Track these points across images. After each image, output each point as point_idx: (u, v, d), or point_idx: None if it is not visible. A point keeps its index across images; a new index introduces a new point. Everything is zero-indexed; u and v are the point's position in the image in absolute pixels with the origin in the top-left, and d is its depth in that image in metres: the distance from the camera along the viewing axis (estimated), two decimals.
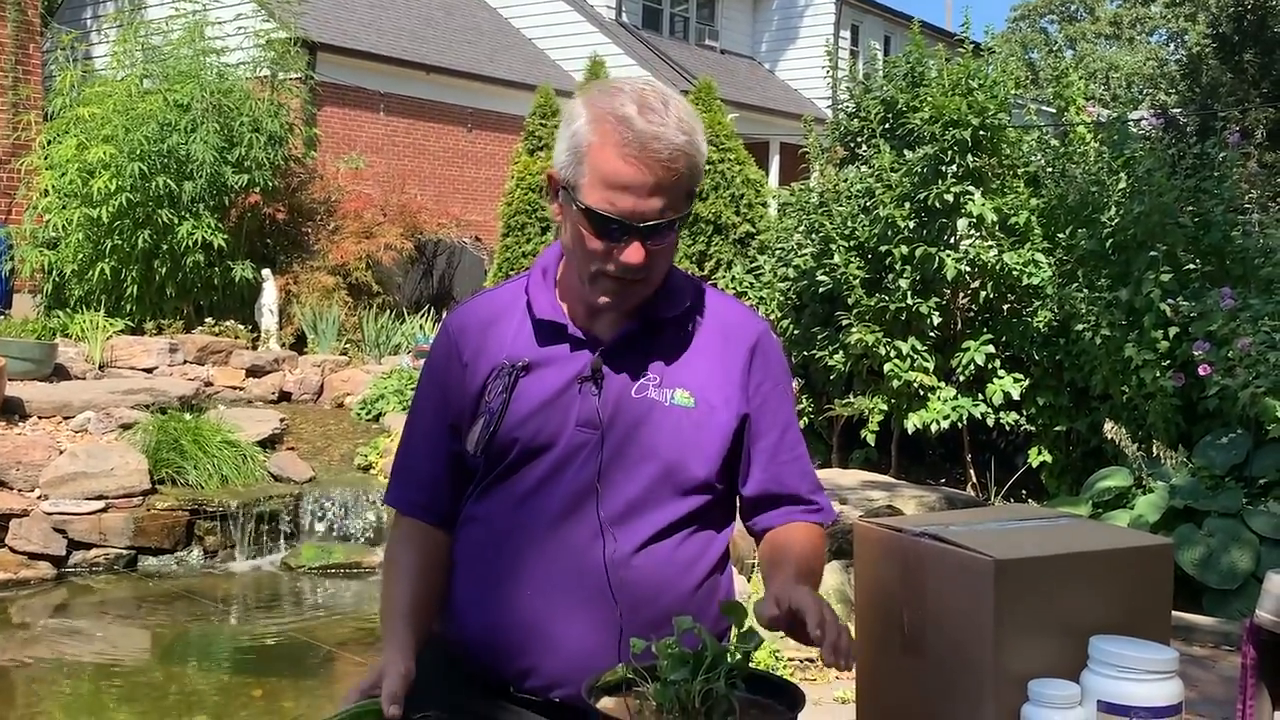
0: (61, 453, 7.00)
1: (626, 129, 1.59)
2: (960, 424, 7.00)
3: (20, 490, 6.76)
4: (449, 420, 1.76)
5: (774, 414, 1.76)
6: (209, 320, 10.50)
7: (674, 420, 1.68)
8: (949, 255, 6.82)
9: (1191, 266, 6.14)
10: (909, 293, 6.91)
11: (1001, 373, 6.96)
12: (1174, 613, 1.90)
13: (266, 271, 10.89)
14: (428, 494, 1.79)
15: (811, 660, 4.21)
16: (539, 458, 1.68)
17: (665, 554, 1.68)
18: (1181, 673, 1.36)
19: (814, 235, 7.48)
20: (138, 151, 10.21)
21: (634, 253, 1.61)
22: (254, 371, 9.59)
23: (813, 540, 1.75)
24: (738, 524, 1.83)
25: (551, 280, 1.77)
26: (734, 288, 8.20)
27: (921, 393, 7.00)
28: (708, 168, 8.89)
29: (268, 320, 10.71)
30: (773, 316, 7.67)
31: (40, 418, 7.51)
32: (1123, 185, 6.52)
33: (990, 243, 6.92)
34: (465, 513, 1.76)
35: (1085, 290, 6.35)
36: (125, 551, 6.74)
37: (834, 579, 4.69)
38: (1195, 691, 3.80)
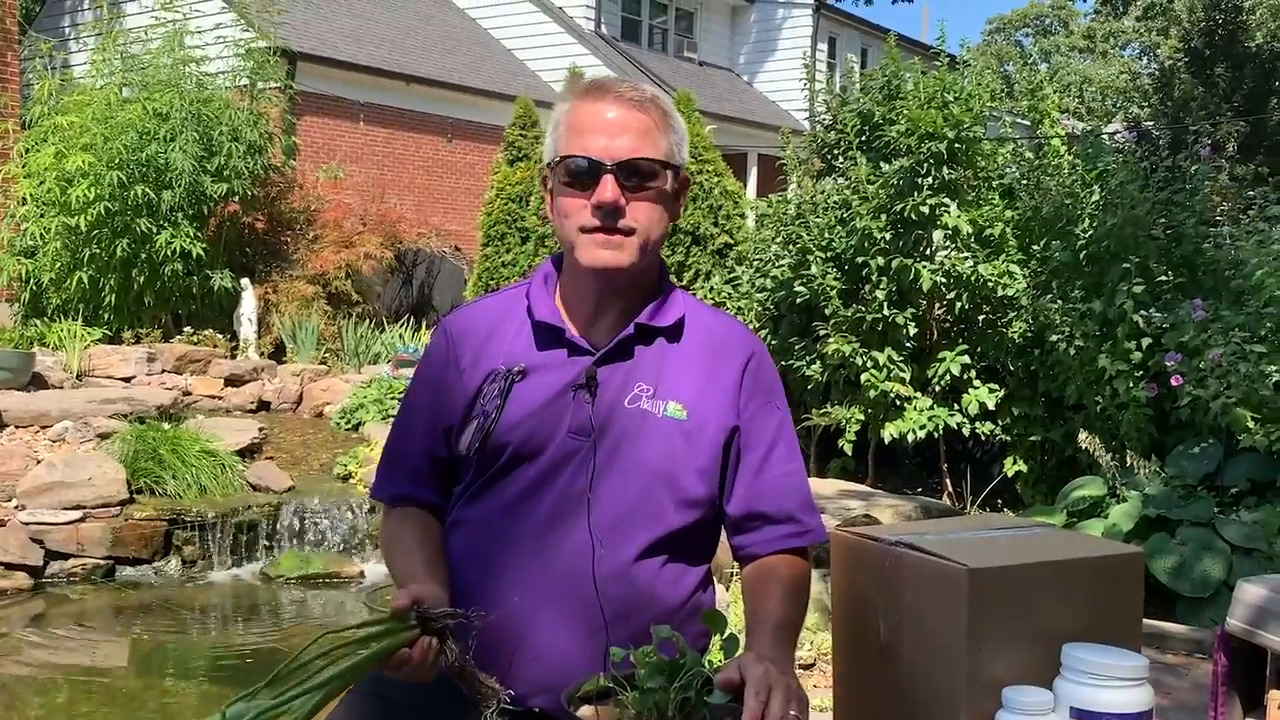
0: (39, 462, 6.96)
1: (594, 84, 1.72)
2: (936, 434, 7.04)
3: None
4: (441, 422, 1.78)
5: (761, 430, 1.76)
6: (187, 329, 10.47)
7: (666, 432, 1.69)
8: (925, 267, 6.87)
9: (1164, 278, 6.20)
10: (885, 304, 6.95)
11: (977, 383, 7.00)
12: (1147, 621, 1.94)
13: (245, 280, 10.86)
14: (416, 488, 1.80)
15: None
16: (529, 463, 1.69)
17: (652, 568, 1.69)
18: (1154, 680, 1.39)
19: (791, 246, 7.52)
20: (116, 160, 10.18)
21: (606, 189, 1.64)
22: (233, 381, 9.56)
23: (793, 581, 1.73)
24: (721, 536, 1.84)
25: (553, 286, 1.79)
26: (712, 298, 8.23)
27: (898, 403, 7.04)
28: None
29: (246, 329, 10.68)
30: (751, 327, 7.70)
31: (17, 427, 7.47)
32: (1096, 198, 6.59)
33: (966, 254, 6.97)
34: (454, 516, 1.78)
35: (1059, 301, 6.41)
36: (103, 561, 6.71)
37: (811, 588, 4.71)
38: (1167, 699, 3.84)
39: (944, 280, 6.96)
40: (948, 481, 7.36)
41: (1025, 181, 7.32)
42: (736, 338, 1.81)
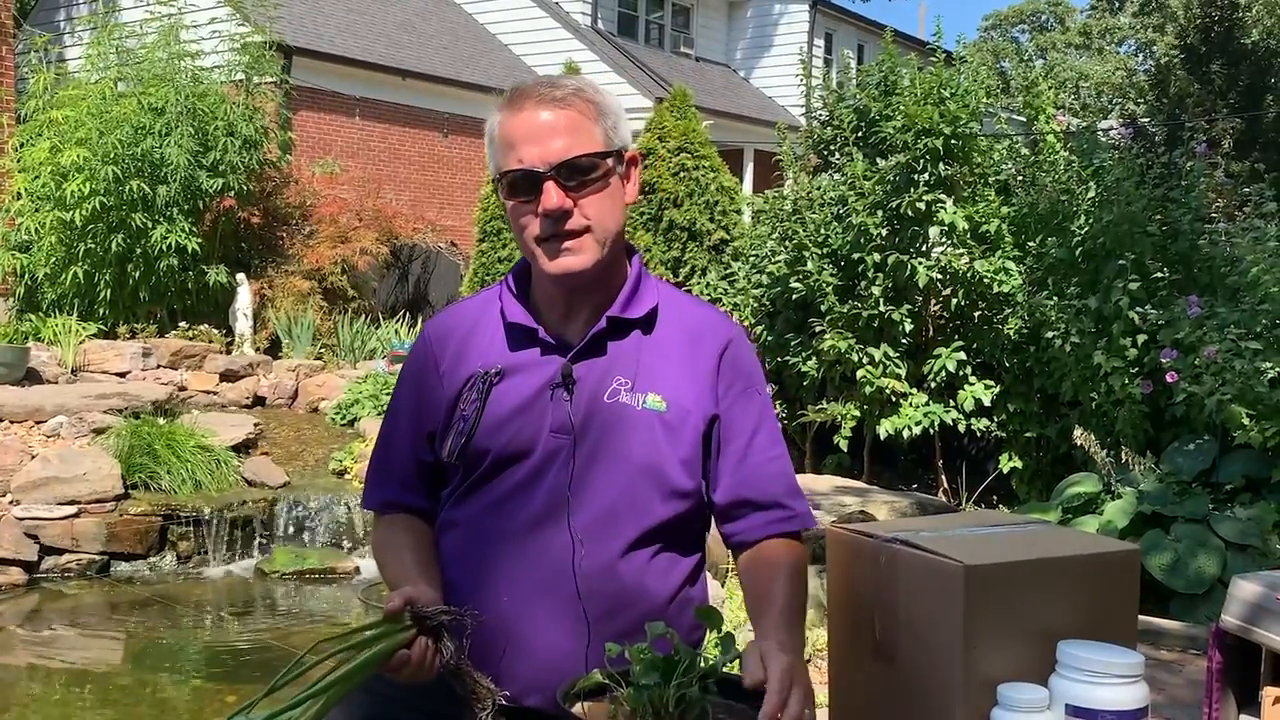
0: (33, 457, 6.96)
1: (514, 93, 1.70)
2: (932, 430, 7.05)
3: None
4: (424, 427, 1.78)
5: (743, 417, 1.75)
6: (183, 325, 10.45)
7: (647, 424, 1.69)
8: (921, 263, 6.87)
9: (1159, 275, 6.20)
10: (881, 300, 6.95)
11: (973, 379, 7.01)
12: (1142, 617, 1.94)
13: (241, 276, 10.84)
14: (405, 494, 1.80)
15: None
16: (515, 465, 1.69)
17: (640, 562, 1.68)
18: (1149, 677, 1.39)
19: (787, 242, 7.52)
20: (111, 155, 10.16)
21: (550, 196, 1.63)
22: (228, 376, 9.55)
23: (794, 564, 1.72)
24: (713, 529, 1.84)
25: (524, 287, 1.79)
26: (708, 294, 8.23)
27: (894, 399, 7.04)
28: (681, 173, 8.97)
29: (242, 325, 10.66)
30: (746, 323, 7.71)
31: (12, 422, 7.46)
32: (1092, 194, 6.59)
33: (961, 251, 6.97)
34: (444, 517, 1.77)
35: (1055, 298, 6.41)
36: (98, 557, 6.71)
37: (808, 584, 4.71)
38: (1162, 695, 3.85)
39: (940, 277, 6.97)
40: (943, 478, 7.37)
41: (1021, 178, 7.33)
42: (712, 324, 1.79)
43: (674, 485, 1.70)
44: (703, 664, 1.41)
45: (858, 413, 7.14)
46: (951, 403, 7.04)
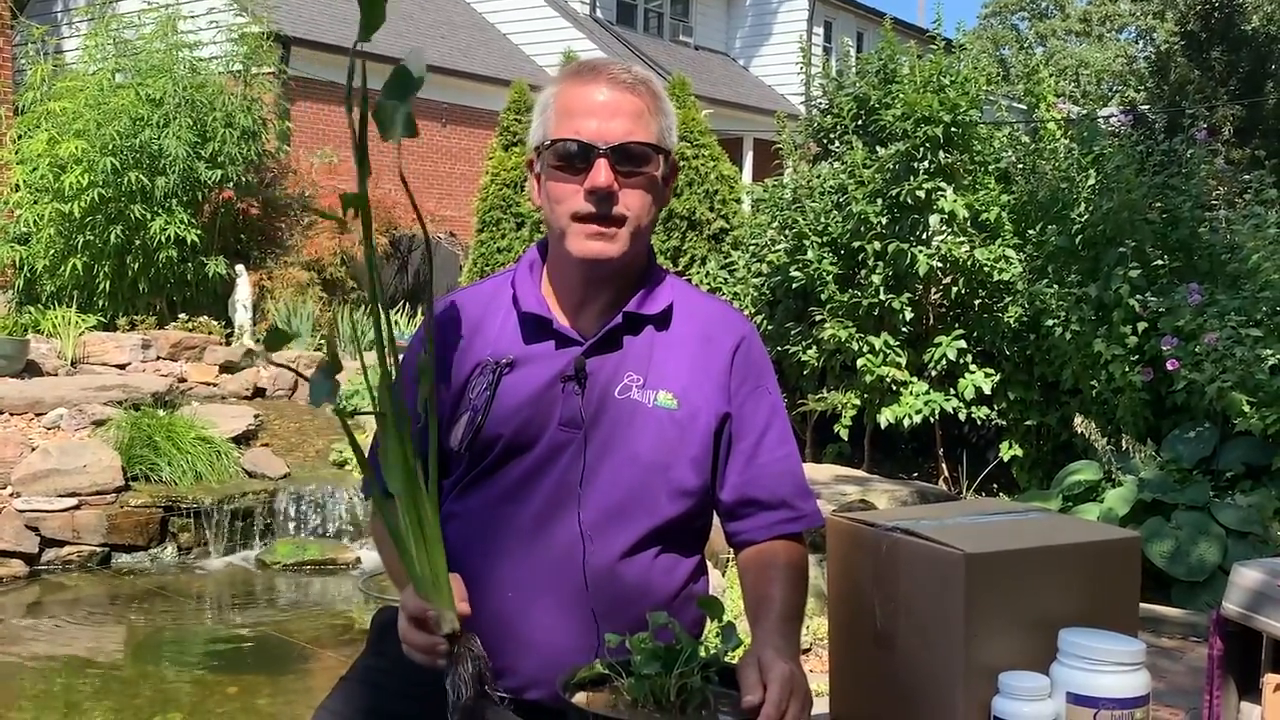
0: (34, 450, 6.96)
1: (584, 66, 1.69)
2: (932, 418, 7.04)
3: None
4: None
5: (753, 416, 1.73)
6: (182, 316, 10.44)
7: (657, 422, 1.67)
8: (921, 251, 6.86)
9: (1160, 262, 6.19)
10: (881, 288, 6.94)
11: (973, 368, 7.00)
12: (1143, 605, 1.93)
13: (240, 267, 10.84)
14: None
15: None
16: (521, 456, 1.67)
17: (646, 560, 1.67)
18: (1150, 664, 1.39)
19: (787, 231, 7.51)
20: (110, 146, 10.14)
21: (599, 173, 1.61)
22: (228, 367, 9.54)
23: (794, 566, 1.71)
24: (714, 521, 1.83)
25: (538, 275, 1.76)
26: (708, 283, 8.22)
27: (894, 388, 7.04)
28: (681, 163, 8.95)
29: (241, 316, 10.66)
30: (747, 312, 7.69)
31: (12, 414, 7.46)
32: (1092, 182, 6.58)
33: (962, 239, 6.96)
34: (446, 509, 1.75)
35: (1055, 286, 6.40)
36: (99, 549, 6.71)
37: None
38: (1163, 682, 3.84)
39: (940, 265, 6.95)
40: (944, 466, 7.36)
41: (1021, 166, 7.31)
42: (726, 322, 1.78)
43: (682, 484, 1.68)
44: (704, 654, 1.41)
45: (858, 401, 7.14)
46: (952, 391, 7.04)
